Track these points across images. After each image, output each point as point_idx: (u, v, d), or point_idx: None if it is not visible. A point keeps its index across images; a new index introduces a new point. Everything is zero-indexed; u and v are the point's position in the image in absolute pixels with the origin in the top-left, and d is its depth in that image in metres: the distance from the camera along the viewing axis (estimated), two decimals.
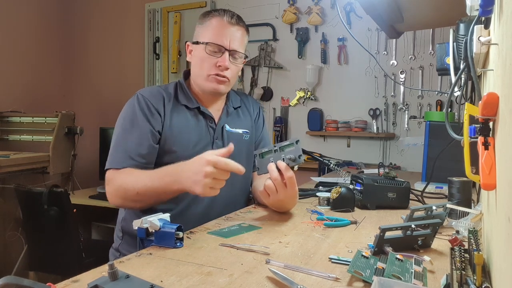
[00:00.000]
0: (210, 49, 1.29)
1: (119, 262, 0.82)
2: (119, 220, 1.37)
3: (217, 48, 1.29)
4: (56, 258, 2.31)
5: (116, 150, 1.24)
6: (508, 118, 0.47)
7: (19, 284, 0.55)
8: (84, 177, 3.48)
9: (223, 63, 1.28)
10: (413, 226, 0.86)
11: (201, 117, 1.35)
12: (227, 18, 1.30)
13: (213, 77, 1.30)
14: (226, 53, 1.29)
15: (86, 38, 4.02)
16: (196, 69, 1.35)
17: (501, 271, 0.51)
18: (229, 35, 1.29)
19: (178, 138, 1.29)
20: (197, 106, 1.35)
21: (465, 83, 0.94)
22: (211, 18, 1.32)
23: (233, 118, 1.43)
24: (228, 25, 1.30)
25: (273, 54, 3.31)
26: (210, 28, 1.31)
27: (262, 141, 1.52)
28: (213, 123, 1.37)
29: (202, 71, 1.31)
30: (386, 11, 1.56)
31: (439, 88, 2.75)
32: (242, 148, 1.42)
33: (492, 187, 0.53)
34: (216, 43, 1.28)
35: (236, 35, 1.31)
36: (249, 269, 0.78)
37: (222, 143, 1.36)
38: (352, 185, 1.42)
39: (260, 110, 1.56)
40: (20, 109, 3.29)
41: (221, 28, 1.30)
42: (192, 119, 1.33)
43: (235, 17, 1.32)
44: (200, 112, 1.35)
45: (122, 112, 1.31)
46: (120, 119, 1.30)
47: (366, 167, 2.57)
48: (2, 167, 2.56)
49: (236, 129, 1.41)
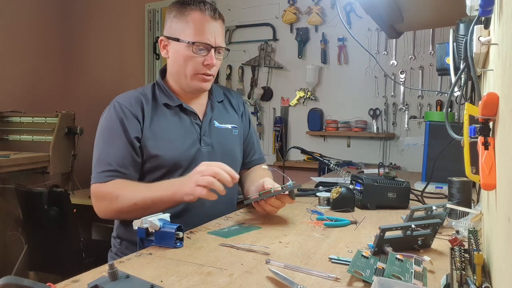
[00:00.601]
0: (197, 47, 1.23)
1: (119, 262, 0.82)
2: (115, 227, 1.35)
3: (204, 46, 1.23)
4: (56, 258, 2.31)
5: (100, 164, 1.21)
6: (508, 118, 0.47)
7: (19, 284, 0.55)
8: (84, 177, 3.46)
9: (211, 62, 1.24)
10: (413, 226, 0.86)
11: (183, 114, 1.30)
12: (209, 13, 1.23)
13: (200, 76, 1.26)
14: (212, 51, 1.24)
15: (86, 38, 4.01)
16: (177, 67, 1.28)
17: (501, 271, 0.51)
18: (213, 31, 1.24)
19: (161, 142, 1.24)
20: (179, 103, 1.29)
21: (465, 83, 0.94)
22: (190, 12, 1.23)
23: (220, 113, 1.38)
24: (211, 20, 1.24)
25: (273, 54, 3.31)
26: (191, 24, 1.23)
27: (251, 140, 1.49)
28: (197, 119, 1.32)
29: (186, 70, 1.26)
30: (386, 11, 1.56)
31: (439, 88, 2.75)
32: (234, 143, 1.40)
33: (492, 187, 0.53)
34: (202, 41, 1.22)
35: (219, 30, 1.26)
36: (249, 269, 0.78)
37: (209, 139, 1.32)
38: (352, 185, 1.42)
39: (245, 105, 1.52)
40: (20, 109, 3.29)
41: (205, 24, 1.23)
42: (174, 118, 1.29)
43: (217, 12, 1.26)
44: (182, 109, 1.30)
45: (101, 122, 1.27)
46: (100, 129, 1.26)
47: (366, 167, 2.57)
48: (2, 167, 2.56)
49: (225, 124, 1.38)
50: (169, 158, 1.24)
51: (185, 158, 1.26)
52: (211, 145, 1.32)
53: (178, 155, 1.25)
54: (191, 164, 1.23)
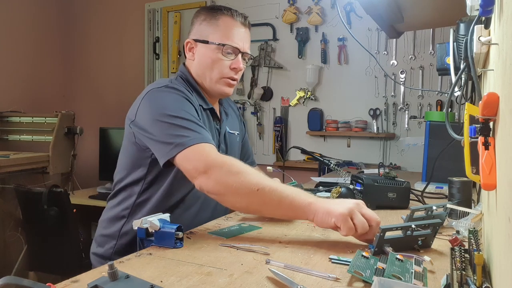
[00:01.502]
0: (225, 50, 1.24)
1: (119, 262, 0.82)
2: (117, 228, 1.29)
3: (232, 50, 1.24)
4: (56, 258, 2.31)
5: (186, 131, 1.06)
6: (508, 118, 0.47)
7: (19, 284, 0.55)
8: (84, 177, 3.48)
9: (238, 66, 1.25)
10: (413, 226, 0.86)
11: (211, 118, 1.30)
12: (240, 19, 1.26)
13: (225, 80, 1.26)
14: (240, 55, 1.26)
15: (86, 38, 4.01)
16: (203, 70, 1.27)
17: (501, 271, 0.51)
18: (242, 37, 1.26)
19: None
20: (211, 107, 1.29)
21: (465, 83, 0.94)
22: (221, 16, 1.25)
23: (229, 120, 1.40)
24: (241, 26, 1.26)
25: (273, 54, 3.30)
26: (222, 28, 1.24)
27: (246, 143, 1.51)
28: (218, 125, 1.33)
29: (213, 73, 1.25)
30: (386, 11, 1.56)
31: (439, 88, 2.75)
32: (237, 150, 1.42)
33: (492, 187, 0.53)
34: (232, 45, 1.24)
35: (247, 36, 1.29)
36: (249, 269, 0.78)
37: (225, 146, 1.33)
38: (352, 185, 1.42)
39: (239, 110, 1.54)
40: (20, 109, 3.29)
41: (235, 29, 1.25)
42: (205, 119, 1.26)
43: (247, 19, 1.29)
44: (212, 113, 1.30)
45: (156, 102, 1.14)
46: (160, 104, 1.13)
47: (366, 167, 2.57)
48: (2, 167, 2.56)
49: (233, 131, 1.40)
50: None
51: None
52: (225, 151, 1.32)
53: None
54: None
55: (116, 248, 1.24)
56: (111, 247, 1.25)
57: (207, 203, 1.26)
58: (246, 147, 1.52)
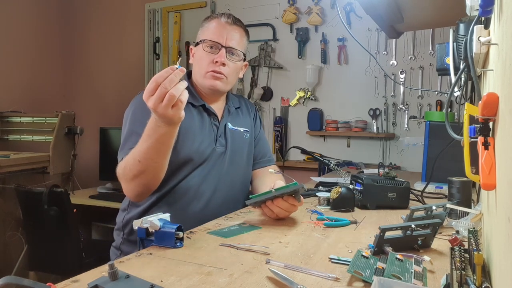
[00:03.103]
0: (207, 45, 1.33)
1: (119, 262, 0.82)
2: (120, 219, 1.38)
3: (214, 45, 1.33)
4: (56, 258, 2.31)
5: (124, 147, 1.25)
6: (508, 118, 0.47)
7: (19, 284, 0.55)
8: (84, 177, 3.48)
9: (219, 59, 1.31)
10: (413, 226, 0.86)
11: (206, 114, 1.38)
12: (224, 19, 1.36)
13: (210, 73, 1.33)
14: (223, 50, 1.32)
15: (86, 38, 4.01)
16: (195, 68, 1.39)
17: (501, 271, 0.51)
18: (225, 33, 1.34)
19: (183, 137, 1.28)
20: (203, 103, 1.37)
21: (465, 83, 0.94)
22: (210, 20, 1.38)
23: (234, 117, 1.46)
24: (225, 24, 1.35)
25: (273, 54, 3.31)
26: (209, 28, 1.36)
27: (259, 142, 1.55)
28: (216, 121, 1.40)
29: (201, 69, 1.35)
30: (386, 11, 1.56)
31: (439, 88, 2.75)
32: (244, 146, 1.45)
33: (492, 187, 0.53)
34: (212, 40, 1.33)
35: (233, 33, 1.36)
36: (249, 269, 0.79)
37: (225, 140, 1.39)
38: (352, 185, 1.42)
39: (257, 111, 1.61)
40: (20, 109, 3.29)
41: (218, 28, 1.35)
42: (197, 117, 1.35)
43: (232, 18, 1.38)
44: (205, 109, 1.38)
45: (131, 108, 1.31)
46: (128, 115, 1.31)
47: (366, 167, 2.57)
48: (2, 167, 2.56)
49: (238, 127, 1.44)
50: (184, 152, 1.28)
51: (199, 156, 1.31)
52: (225, 146, 1.38)
53: (193, 151, 1.31)
54: (204, 162, 1.32)
55: (124, 239, 1.35)
56: (120, 238, 1.36)
57: (200, 193, 1.32)
58: (260, 145, 1.55)
